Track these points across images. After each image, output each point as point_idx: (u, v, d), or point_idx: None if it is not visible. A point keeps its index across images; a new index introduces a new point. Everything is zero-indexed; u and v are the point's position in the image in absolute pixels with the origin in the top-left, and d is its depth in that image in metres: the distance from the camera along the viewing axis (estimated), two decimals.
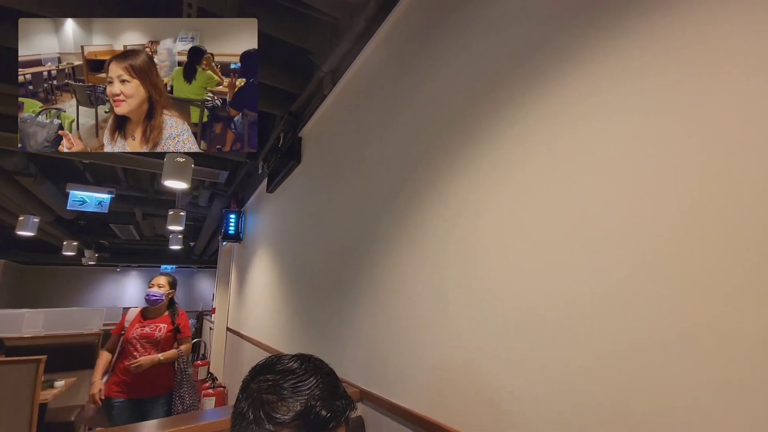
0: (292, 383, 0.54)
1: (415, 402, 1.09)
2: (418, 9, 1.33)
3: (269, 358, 0.60)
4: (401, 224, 1.26)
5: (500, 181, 0.89)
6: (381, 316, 1.32)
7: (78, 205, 3.93)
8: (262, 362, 0.60)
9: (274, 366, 0.58)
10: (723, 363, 0.50)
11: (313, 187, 2.14)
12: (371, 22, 1.52)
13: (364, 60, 1.66)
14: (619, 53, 0.67)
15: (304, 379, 0.55)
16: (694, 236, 0.54)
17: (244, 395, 0.56)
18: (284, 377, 0.55)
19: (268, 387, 0.54)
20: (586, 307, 0.67)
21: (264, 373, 0.57)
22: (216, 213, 4.85)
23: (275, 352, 2.39)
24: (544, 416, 0.72)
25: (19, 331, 3.35)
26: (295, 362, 0.57)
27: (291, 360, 0.58)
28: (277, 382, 0.54)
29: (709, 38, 0.56)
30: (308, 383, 0.54)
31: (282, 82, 2.28)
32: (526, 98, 0.85)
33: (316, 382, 0.54)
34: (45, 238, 6.37)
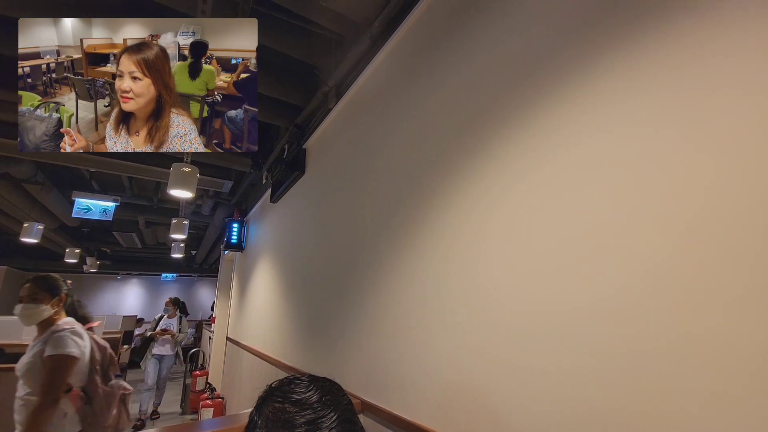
0: (309, 418, 0.52)
1: (418, 414, 1.09)
2: (421, 28, 1.38)
3: (286, 380, 0.59)
4: (404, 235, 1.28)
5: (504, 191, 0.92)
6: (383, 326, 1.33)
7: (83, 212, 3.97)
8: (278, 384, 0.58)
9: (291, 393, 0.55)
10: (721, 371, 0.51)
11: (317, 198, 2.17)
12: (376, 40, 1.57)
13: (369, 75, 1.71)
14: (622, 69, 0.71)
15: (321, 414, 0.52)
16: (693, 246, 0.56)
17: (259, 414, 0.55)
18: (301, 410, 0.53)
19: (284, 421, 0.52)
20: (590, 317, 0.69)
21: (279, 396, 0.55)
22: (219, 222, 4.88)
23: (276, 362, 2.39)
24: (547, 428, 0.73)
25: (20, 337, 3.34)
26: (314, 393, 0.55)
27: (309, 389, 0.56)
28: (292, 416, 0.52)
29: (714, 55, 0.59)
30: (326, 421, 0.52)
31: (288, 95, 2.34)
32: (528, 112, 0.88)
33: (334, 420, 0.52)
34: (48, 245, 6.40)
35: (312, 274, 2.07)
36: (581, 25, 0.79)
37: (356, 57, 1.67)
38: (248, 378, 3.18)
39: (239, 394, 3.44)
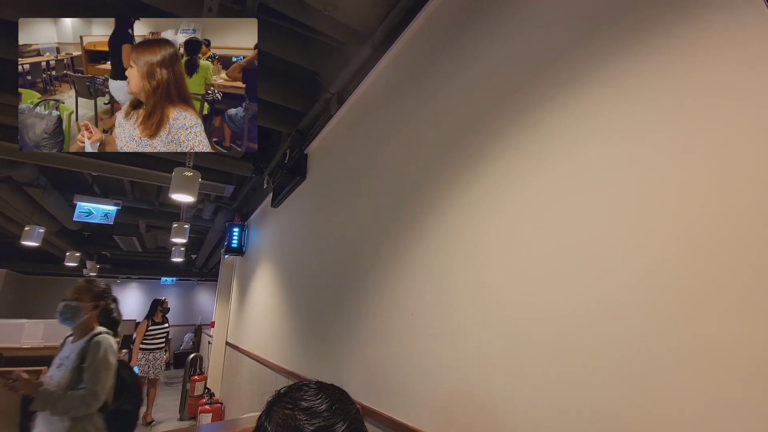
0: (319, 426, 0.52)
1: (418, 419, 1.09)
2: (422, 36, 1.40)
3: (295, 386, 0.60)
4: (405, 240, 1.29)
5: (504, 196, 0.93)
6: (383, 330, 1.33)
7: (84, 216, 3.99)
8: (287, 390, 0.59)
9: (300, 400, 0.56)
10: (719, 375, 0.52)
11: (318, 202, 2.18)
12: (377, 48, 1.59)
13: (370, 82, 1.73)
14: (623, 76, 0.72)
15: (331, 423, 0.53)
16: (691, 251, 0.57)
17: (268, 419, 0.55)
18: (311, 418, 0.53)
19: (294, 428, 0.52)
20: (590, 321, 0.69)
21: (288, 402, 0.56)
22: (219, 226, 4.89)
23: (275, 367, 2.38)
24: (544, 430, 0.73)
25: (19, 341, 3.34)
26: (323, 401, 0.56)
27: (317, 396, 0.57)
28: (302, 424, 0.53)
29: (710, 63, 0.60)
30: (336, 430, 0.53)
31: (290, 101, 2.36)
32: (528, 118, 0.90)
33: (344, 429, 0.53)
34: (48, 249, 6.40)
35: (312, 279, 2.07)
36: (581, 31, 0.80)
37: (358, 64, 1.69)
38: (248, 383, 3.17)
39: (238, 399, 3.42)
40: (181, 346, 8.50)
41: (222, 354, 4.60)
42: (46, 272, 8.23)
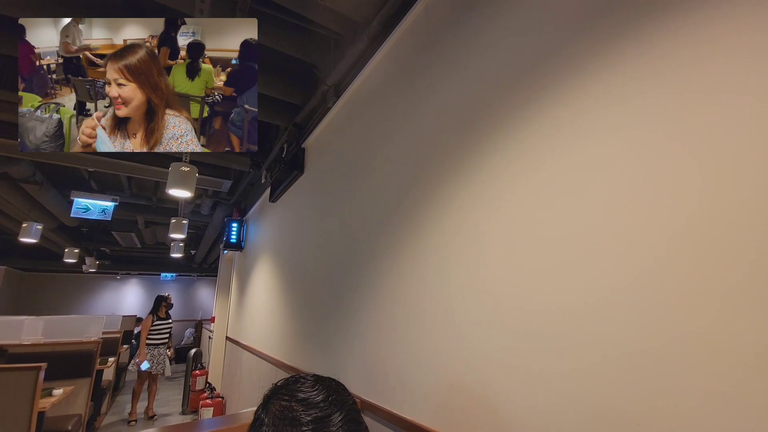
0: (315, 416, 0.53)
1: (418, 413, 1.09)
2: (419, 27, 1.38)
3: (292, 378, 0.60)
4: (404, 233, 1.28)
5: (503, 191, 0.92)
6: (383, 325, 1.33)
7: (82, 212, 3.97)
8: (284, 382, 0.59)
9: (297, 392, 0.56)
10: (716, 370, 0.51)
11: (316, 197, 2.17)
12: (374, 39, 1.57)
13: (368, 74, 1.71)
14: (618, 72, 0.71)
15: (328, 413, 0.53)
16: (688, 246, 0.56)
17: (265, 411, 0.55)
18: (308, 409, 0.53)
19: (291, 419, 0.52)
20: (588, 316, 0.69)
21: (285, 394, 0.56)
22: (218, 221, 4.88)
23: (275, 362, 2.39)
24: (547, 427, 0.73)
25: (19, 338, 3.34)
26: (320, 392, 0.56)
27: (314, 388, 0.57)
28: (299, 414, 0.53)
29: (709, 57, 0.59)
30: (332, 420, 0.53)
31: (286, 94, 2.34)
32: (527, 112, 0.88)
33: (340, 420, 0.53)
34: (47, 245, 6.39)
35: (311, 273, 2.07)
36: (578, 25, 0.79)
37: (355, 56, 1.67)
38: (248, 377, 3.18)
39: (239, 393, 3.44)
40: (182, 341, 8.54)
41: (222, 349, 4.63)
42: (46, 269, 8.22)
